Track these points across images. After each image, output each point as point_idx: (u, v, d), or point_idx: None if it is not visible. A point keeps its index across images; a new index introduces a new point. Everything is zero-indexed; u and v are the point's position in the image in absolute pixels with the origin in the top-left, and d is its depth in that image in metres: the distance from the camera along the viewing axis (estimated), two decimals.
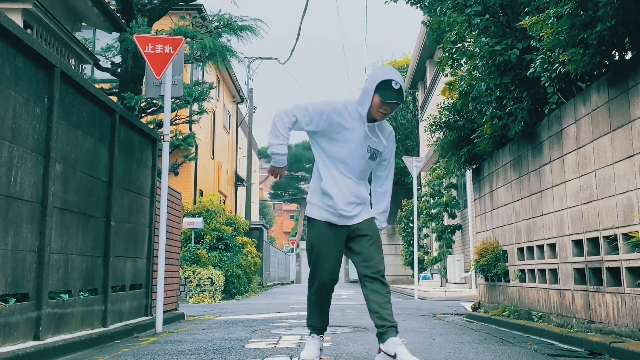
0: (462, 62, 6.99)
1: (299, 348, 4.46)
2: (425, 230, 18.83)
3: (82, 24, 10.42)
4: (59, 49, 8.65)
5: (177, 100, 10.41)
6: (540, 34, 4.92)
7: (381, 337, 3.53)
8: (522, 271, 6.52)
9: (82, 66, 9.78)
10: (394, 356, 3.44)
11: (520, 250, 6.60)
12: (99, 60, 10.47)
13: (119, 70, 10.36)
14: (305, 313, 3.95)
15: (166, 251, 7.15)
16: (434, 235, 17.23)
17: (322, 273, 3.68)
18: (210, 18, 11.42)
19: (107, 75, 11.73)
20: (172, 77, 6.42)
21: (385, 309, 3.55)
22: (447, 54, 7.07)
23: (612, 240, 4.50)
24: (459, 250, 16.10)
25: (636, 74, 4.14)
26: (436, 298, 13.56)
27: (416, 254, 14.51)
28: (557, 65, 4.95)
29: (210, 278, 13.23)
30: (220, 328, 6.28)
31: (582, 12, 4.38)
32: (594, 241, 4.81)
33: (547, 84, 5.33)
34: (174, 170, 15.35)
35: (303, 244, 50.08)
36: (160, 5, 10.46)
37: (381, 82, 3.54)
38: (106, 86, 11.75)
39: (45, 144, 4.41)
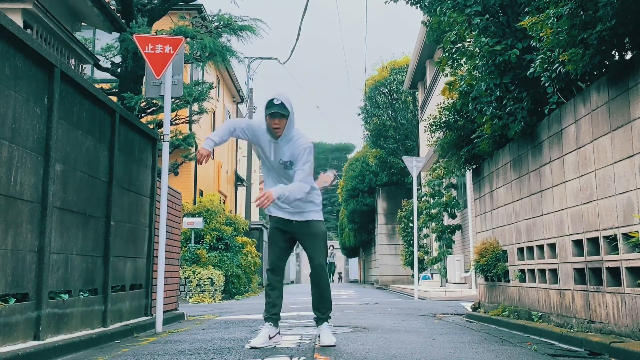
0: (462, 62, 6.99)
1: (299, 348, 4.47)
2: (425, 230, 18.82)
3: (82, 24, 10.43)
4: (59, 49, 8.66)
5: (177, 100, 10.41)
6: (540, 34, 4.92)
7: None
8: (522, 271, 6.52)
9: (82, 66, 9.79)
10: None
11: (520, 250, 6.60)
12: (99, 60, 10.47)
13: (119, 70, 10.36)
14: (305, 313, 4.09)
15: (166, 251, 7.15)
16: (434, 235, 17.21)
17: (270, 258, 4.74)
18: (210, 18, 11.42)
19: (107, 75, 11.73)
20: (172, 77, 6.42)
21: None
22: (447, 54, 7.06)
23: (612, 240, 4.50)
24: (459, 250, 16.10)
25: (636, 74, 4.14)
26: (436, 298, 13.56)
27: (416, 254, 14.51)
28: (557, 65, 4.95)
29: (210, 278, 13.23)
30: (220, 328, 6.28)
31: (582, 12, 4.38)
32: (594, 241, 4.81)
33: (547, 84, 5.33)
34: (174, 170, 15.34)
35: None
36: (160, 5, 10.45)
37: (266, 104, 4.45)
38: (106, 86, 11.74)
39: (45, 144, 4.42)
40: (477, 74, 6.55)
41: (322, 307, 4.67)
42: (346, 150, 64.70)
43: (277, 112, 4.39)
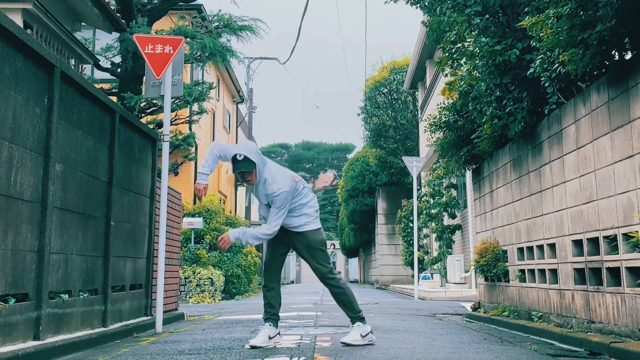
0: (462, 62, 6.98)
1: (299, 348, 4.47)
2: (425, 231, 18.82)
3: (82, 24, 10.42)
4: (59, 49, 8.65)
5: (177, 100, 10.40)
6: (540, 34, 4.92)
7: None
8: (522, 271, 6.52)
9: (82, 66, 9.78)
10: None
11: (520, 250, 6.60)
12: (99, 60, 10.46)
13: (119, 70, 10.36)
14: (305, 313, 4.09)
15: (166, 251, 7.14)
16: (434, 235, 17.22)
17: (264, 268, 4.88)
18: (210, 18, 11.41)
19: (107, 75, 11.72)
20: (172, 77, 6.42)
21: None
22: (447, 54, 7.06)
23: (612, 240, 4.50)
24: (459, 250, 16.10)
25: (636, 74, 4.14)
26: (436, 298, 13.56)
27: (416, 254, 14.51)
28: (557, 65, 4.95)
29: (210, 278, 13.24)
30: (220, 328, 6.28)
31: (582, 13, 4.38)
32: (594, 241, 4.82)
33: (547, 84, 5.33)
34: (174, 170, 15.34)
35: None
36: (160, 5, 10.45)
37: (232, 161, 4.49)
38: (106, 86, 11.73)
39: (45, 144, 4.42)
40: (477, 74, 6.55)
41: (346, 309, 4.71)
42: (346, 150, 64.68)
43: (243, 171, 4.46)
